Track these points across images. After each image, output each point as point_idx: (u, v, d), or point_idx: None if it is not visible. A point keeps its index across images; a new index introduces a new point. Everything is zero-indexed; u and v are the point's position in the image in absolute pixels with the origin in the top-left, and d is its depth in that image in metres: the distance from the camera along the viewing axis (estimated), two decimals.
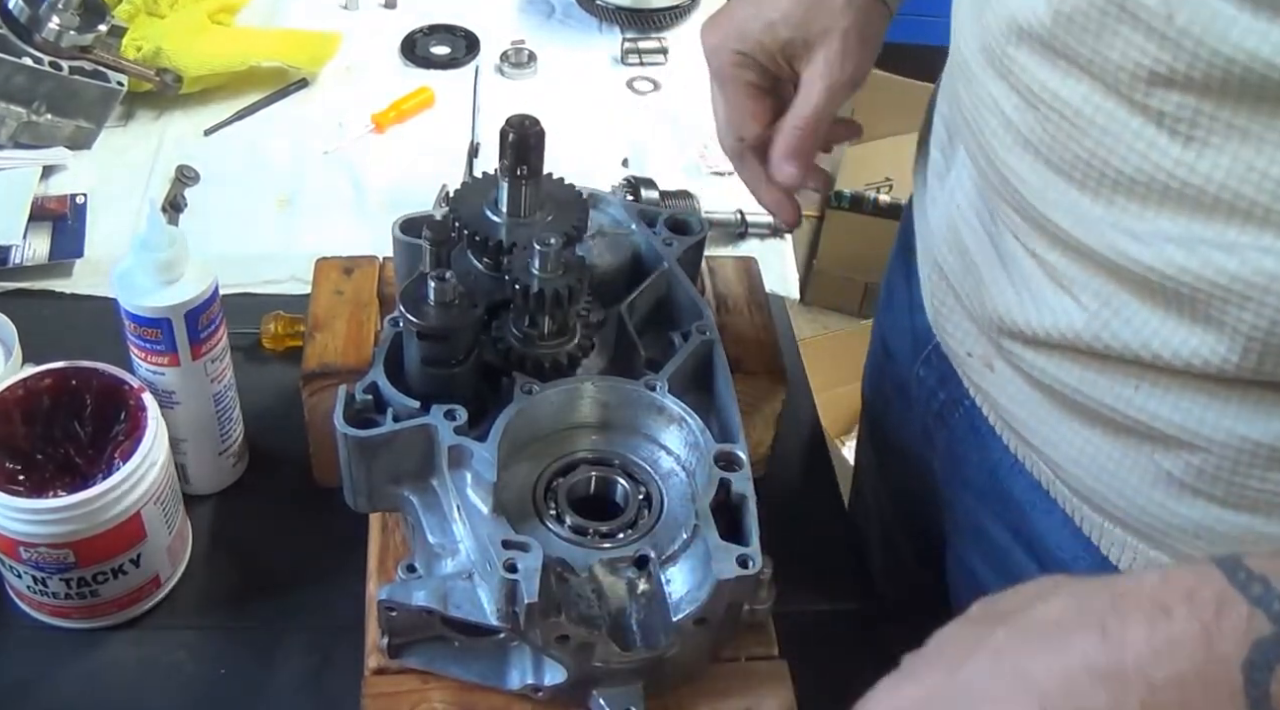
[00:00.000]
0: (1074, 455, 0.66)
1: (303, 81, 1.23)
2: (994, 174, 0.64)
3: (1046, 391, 0.66)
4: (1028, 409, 0.68)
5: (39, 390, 0.74)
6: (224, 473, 0.85)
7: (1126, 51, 0.53)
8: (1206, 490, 0.60)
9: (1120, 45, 0.53)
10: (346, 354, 0.79)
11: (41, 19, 1.06)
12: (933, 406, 0.79)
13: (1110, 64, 0.54)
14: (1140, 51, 0.52)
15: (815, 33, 0.73)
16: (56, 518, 0.69)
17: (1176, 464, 0.60)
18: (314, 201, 1.11)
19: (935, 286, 0.76)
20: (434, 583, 0.63)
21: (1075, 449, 0.66)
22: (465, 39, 1.31)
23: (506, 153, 0.67)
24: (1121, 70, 0.54)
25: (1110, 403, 0.62)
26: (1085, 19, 0.55)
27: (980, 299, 0.69)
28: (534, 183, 0.69)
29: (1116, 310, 0.59)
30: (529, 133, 0.66)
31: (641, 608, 0.63)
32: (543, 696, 0.65)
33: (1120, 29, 0.53)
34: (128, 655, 0.76)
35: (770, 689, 0.67)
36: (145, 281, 0.73)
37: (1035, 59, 0.59)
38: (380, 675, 0.66)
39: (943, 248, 0.74)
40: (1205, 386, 0.57)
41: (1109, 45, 0.54)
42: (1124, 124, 0.55)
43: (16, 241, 1.01)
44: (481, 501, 0.62)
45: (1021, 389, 0.68)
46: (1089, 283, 0.60)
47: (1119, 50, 0.53)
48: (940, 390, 0.78)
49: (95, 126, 1.13)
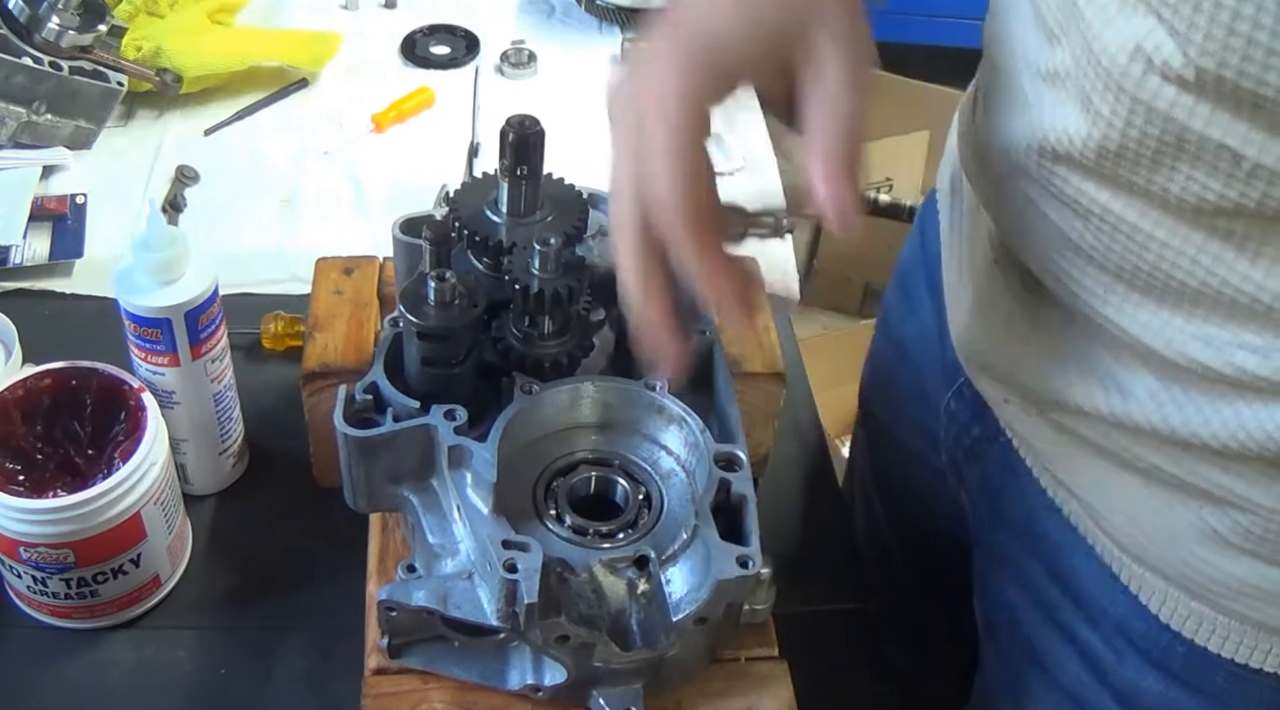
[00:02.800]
0: (1116, 505, 0.64)
1: (303, 81, 1.23)
2: (1038, 267, 0.61)
3: (1089, 446, 0.63)
4: (1068, 457, 0.66)
5: (39, 390, 0.74)
6: (224, 473, 0.85)
7: (1187, 186, 0.50)
8: (1254, 549, 0.58)
9: (1180, 180, 0.50)
10: (346, 354, 0.79)
11: (41, 19, 1.06)
12: (964, 441, 0.77)
13: (1169, 194, 0.51)
14: (1203, 187, 0.49)
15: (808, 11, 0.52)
16: (56, 518, 0.69)
17: (1224, 522, 0.58)
18: (314, 201, 1.11)
19: (967, 336, 0.72)
20: (434, 583, 0.63)
21: (1117, 499, 0.64)
22: (465, 39, 1.31)
23: (506, 153, 0.67)
24: (1183, 202, 0.50)
25: (1158, 463, 0.59)
26: (1136, 156, 0.51)
27: (1015, 368, 0.66)
28: (534, 183, 0.69)
29: (1177, 401, 0.56)
30: (529, 133, 0.66)
31: (641, 608, 0.63)
32: (543, 696, 0.65)
33: (1179, 166, 0.50)
34: (128, 655, 0.76)
35: (770, 689, 0.67)
36: (145, 281, 0.73)
37: (1078, 177, 0.55)
38: (380, 675, 0.66)
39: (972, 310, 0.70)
40: (1264, 459, 0.55)
41: (1166, 178, 0.50)
42: (1185, 239, 0.51)
43: (16, 241, 1.01)
44: (481, 501, 0.62)
45: (1062, 440, 0.66)
46: (1145, 378, 0.58)
47: (1178, 183, 0.50)
48: (974, 426, 0.75)
49: (95, 126, 1.13)
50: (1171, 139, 0.49)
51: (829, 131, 0.51)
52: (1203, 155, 0.48)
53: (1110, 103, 0.50)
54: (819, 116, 0.52)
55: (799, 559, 0.67)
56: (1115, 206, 0.53)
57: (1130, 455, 0.61)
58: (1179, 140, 0.49)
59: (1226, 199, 0.48)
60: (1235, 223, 0.49)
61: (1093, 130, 0.52)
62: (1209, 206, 0.49)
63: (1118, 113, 0.50)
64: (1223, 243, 0.50)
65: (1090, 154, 0.53)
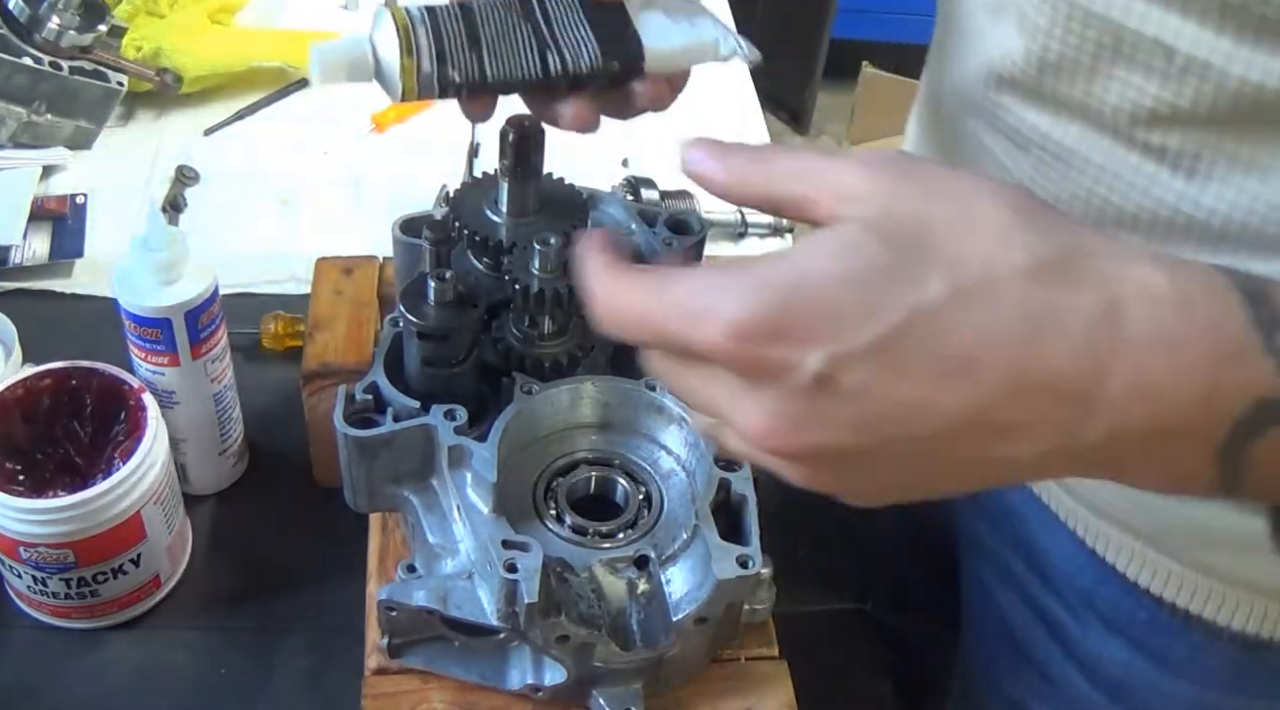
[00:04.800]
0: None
1: (303, 81, 1.23)
2: None
3: None
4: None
5: (39, 390, 0.74)
6: (224, 473, 0.85)
7: (1123, 92, 0.51)
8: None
9: (1115, 87, 0.52)
10: (346, 354, 0.79)
11: (41, 19, 1.06)
12: None
13: (1105, 105, 0.52)
14: (1138, 91, 0.51)
15: None
16: (56, 518, 0.69)
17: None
18: (314, 201, 1.11)
19: None
20: (434, 583, 0.63)
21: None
22: None
23: (506, 153, 0.67)
24: (1118, 111, 0.52)
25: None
26: (1074, 64, 0.53)
27: None
28: (534, 183, 0.69)
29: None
30: (529, 133, 0.66)
31: (641, 608, 0.63)
32: (543, 696, 0.65)
33: (1114, 71, 0.51)
34: (128, 655, 0.76)
35: (770, 689, 0.67)
36: (145, 281, 0.73)
37: (1020, 103, 0.57)
38: (380, 675, 0.66)
39: None
40: None
41: (1103, 88, 0.52)
42: (1122, 161, 0.53)
43: (16, 241, 1.01)
44: (481, 501, 0.62)
45: None
46: None
47: (1114, 92, 0.52)
48: None
49: (95, 126, 1.13)
50: (1108, 41, 0.50)
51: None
52: (1137, 55, 0.50)
53: (1048, 13, 0.52)
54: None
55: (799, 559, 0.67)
56: (1055, 133, 0.55)
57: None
58: (1115, 41, 0.50)
59: (1161, 101, 0.49)
60: (1170, 136, 0.50)
61: (1032, 44, 0.54)
62: (1144, 113, 0.50)
63: (1055, 22, 0.52)
64: (1158, 162, 0.51)
65: (1032, 71, 0.54)
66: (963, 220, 0.38)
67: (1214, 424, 0.37)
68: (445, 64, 0.53)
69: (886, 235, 0.38)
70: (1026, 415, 0.37)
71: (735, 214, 1.10)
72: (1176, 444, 0.38)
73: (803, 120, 2.77)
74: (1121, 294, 0.37)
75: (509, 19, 0.55)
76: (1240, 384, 0.37)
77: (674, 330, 0.39)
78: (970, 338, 0.36)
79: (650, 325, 0.40)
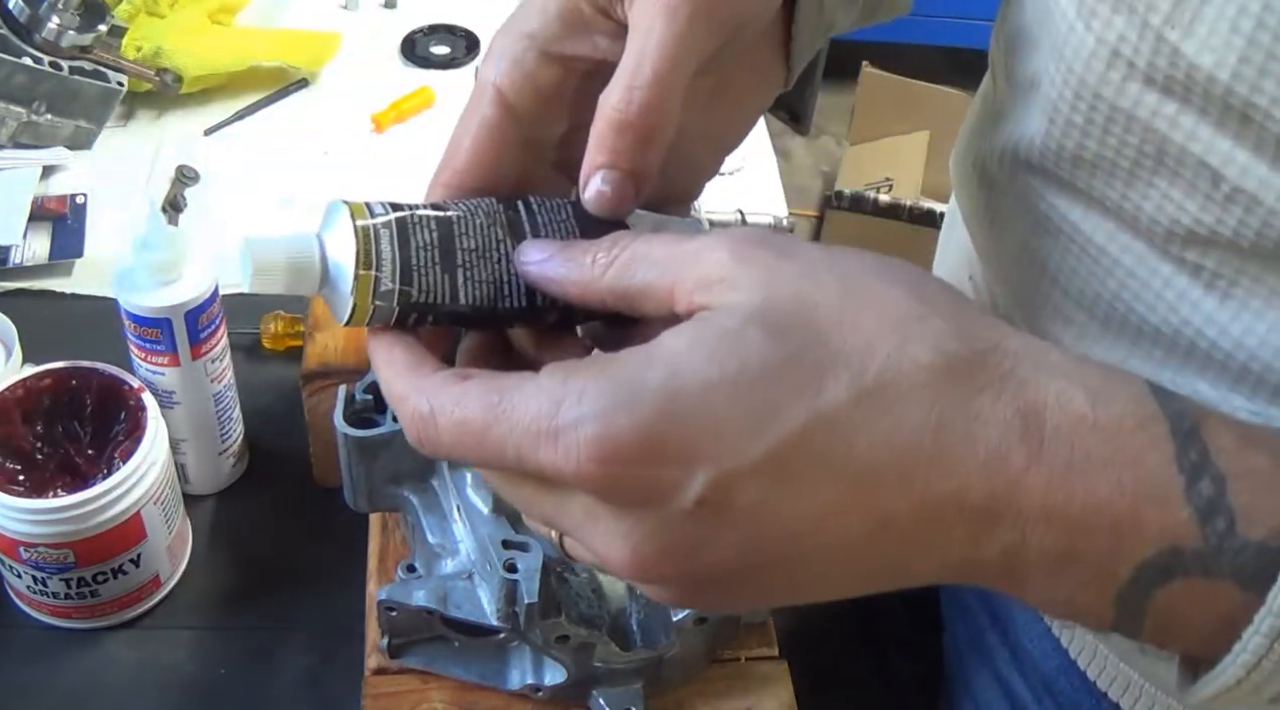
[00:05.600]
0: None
1: (303, 81, 1.23)
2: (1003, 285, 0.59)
3: None
4: None
5: (39, 390, 0.74)
6: (224, 473, 0.85)
7: (1162, 205, 0.46)
8: None
9: (1155, 196, 0.46)
10: (346, 354, 0.79)
11: (41, 19, 1.06)
12: None
13: (1142, 214, 0.47)
14: (1178, 208, 0.46)
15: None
16: (56, 518, 0.69)
17: None
18: (314, 201, 1.11)
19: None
20: (434, 583, 0.63)
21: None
22: (465, 39, 1.31)
23: None
24: (1156, 222, 0.47)
25: None
26: (1111, 166, 0.48)
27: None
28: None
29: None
30: None
31: (641, 608, 0.63)
32: (543, 696, 0.65)
33: (1156, 182, 0.46)
34: (128, 655, 0.76)
35: (770, 689, 0.67)
36: (145, 281, 0.73)
37: (1049, 187, 0.52)
38: (380, 675, 0.66)
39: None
40: None
41: (1141, 195, 0.47)
42: (1154, 271, 0.48)
43: (16, 241, 1.01)
44: (481, 501, 0.62)
45: None
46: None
47: (1152, 201, 0.47)
48: None
49: (95, 126, 1.13)
50: (1150, 151, 0.46)
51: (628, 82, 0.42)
52: (1181, 172, 0.45)
53: (1084, 111, 0.48)
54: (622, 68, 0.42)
55: None
56: (1085, 226, 0.51)
57: None
58: (1159, 153, 0.46)
59: (1201, 224, 0.45)
60: (1207, 257, 0.46)
61: (1065, 140, 0.49)
62: (1182, 231, 0.46)
63: (1093, 121, 0.47)
64: (1191, 277, 0.47)
65: (1065, 164, 0.50)
66: (854, 306, 0.34)
67: (1118, 562, 0.35)
68: (412, 283, 0.41)
69: (770, 327, 0.33)
70: (929, 531, 0.34)
71: (735, 214, 1.10)
72: (1077, 574, 0.35)
73: (803, 120, 2.77)
74: (1038, 408, 0.34)
75: (492, 234, 0.42)
76: (1153, 527, 0.34)
77: (522, 455, 0.34)
78: (874, 448, 0.33)
79: (488, 449, 0.35)
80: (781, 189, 1.16)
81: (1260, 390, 0.47)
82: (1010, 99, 0.55)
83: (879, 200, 2.39)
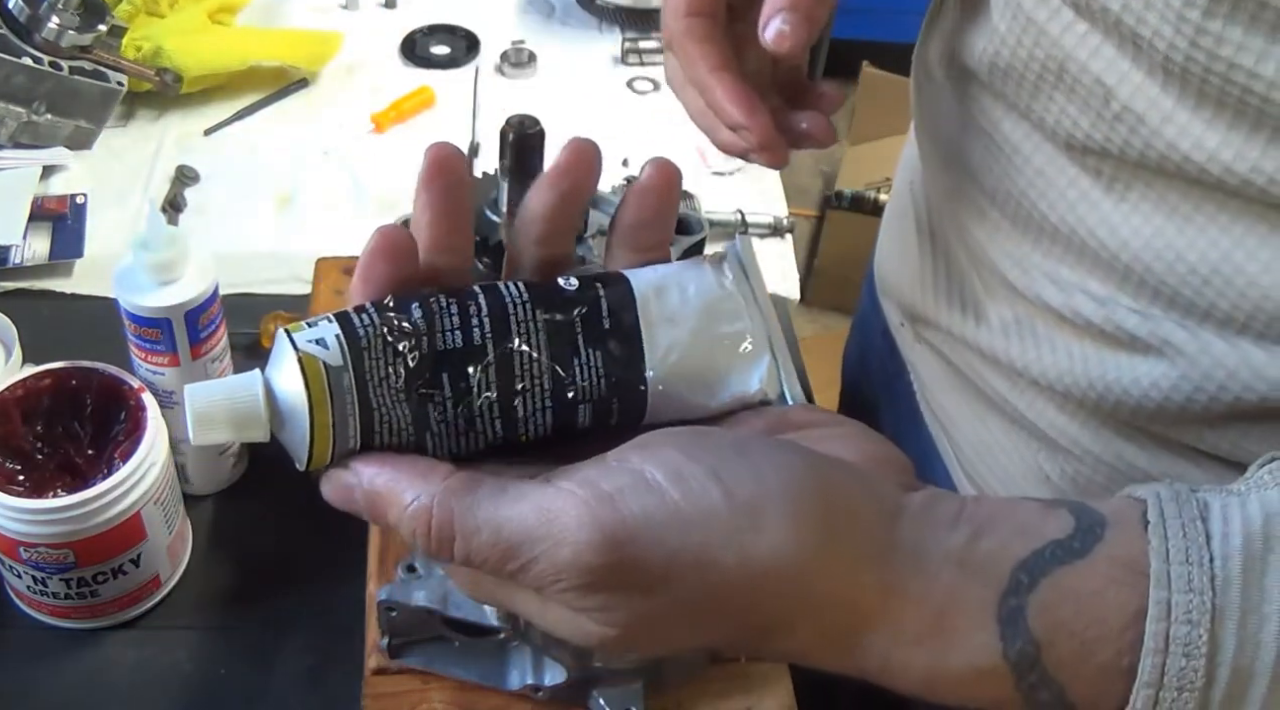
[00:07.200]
0: (969, 437, 0.66)
1: (303, 81, 1.23)
2: (931, 185, 0.63)
3: (951, 369, 0.66)
4: (942, 387, 0.68)
5: (39, 390, 0.74)
6: (224, 473, 0.85)
7: (1060, 118, 0.51)
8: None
9: (1055, 110, 0.51)
10: None
11: (41, 19, 1.06)
12: (883, 379, 0.79)
13: (1047, 120, 0.52)
14: (1073, 122, 0.50)
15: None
16: (56, 518, 0.69)
17: (1054, 467, 0.59)
18: (314, 201, 1.11)
19: (879, 259, 0.77)
20: (434, 583, 0.63)
21: (971, 430, 0.65)
22: (465, 39, 1.31)
23: (506, 153, 0.67)
24: (1057, 130, 0.52)
25: (1006, 395, 0.61)
26: (1020, 77, 0.52)
27: (902, 285, 0.70)
28: (534, 183, 0.69)
29: (1023, 336, 0.58)
30: (529, 133, 0.66)
31: None
32: (543, 696, 0.65)
33: (1055, 95, 0.51)
34: (128, 655, 0.76)
35: (770, 689, 0.67)
36: (145, 281, 0.73)
37: (980, 91, 0.57)
38: (380, 675, 0.66)
39: (884, 231, 0.74)
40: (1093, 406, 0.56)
41: (1044, 107, 0.52)
42: (1060, 169, 0.52)
43: (16, 241, 1.01)
44: None
45: (932, 365, 0.68)
46: (1001, 309, 0.59)
47: (1054, 114, 0.51)
48: (889, 361, 0.77)
49: (95, 126, 1.13)
50: (1053, 66, 0.50)
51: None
52: (1077, 88, 0.49)
53: (1008, 19, 0.52)
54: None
55: None
56: (1004, 126, 0.55)
57: (984, 384, 0.62)
58: (1059, 68, 0.50)
59: (1093, 139, 0.49)
60: (1105, 163, 0.50)
61: (987, 46, 0.54)
62: (1078, 143, 0.50)
63: (1012, 30, 0.52)
64: (1094, 179, 0.51)
65: (984, 68, 0.54)
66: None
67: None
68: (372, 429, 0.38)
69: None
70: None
71: (735, 214, 1.10)
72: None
73: None
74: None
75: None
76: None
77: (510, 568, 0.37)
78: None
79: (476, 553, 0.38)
80: (782, 189, 1.16)
81: (1142, 291, 0.50)
82: (956, 3, 0.59)
83: (879, 200, 2.39)
